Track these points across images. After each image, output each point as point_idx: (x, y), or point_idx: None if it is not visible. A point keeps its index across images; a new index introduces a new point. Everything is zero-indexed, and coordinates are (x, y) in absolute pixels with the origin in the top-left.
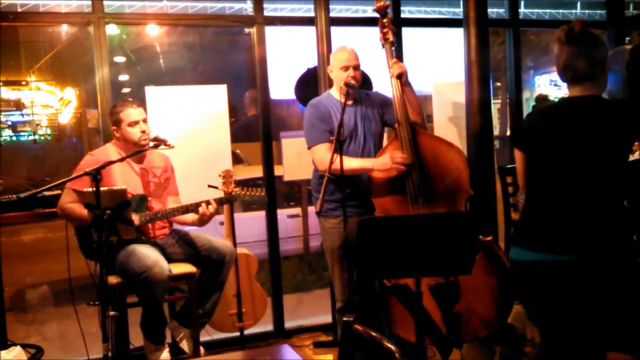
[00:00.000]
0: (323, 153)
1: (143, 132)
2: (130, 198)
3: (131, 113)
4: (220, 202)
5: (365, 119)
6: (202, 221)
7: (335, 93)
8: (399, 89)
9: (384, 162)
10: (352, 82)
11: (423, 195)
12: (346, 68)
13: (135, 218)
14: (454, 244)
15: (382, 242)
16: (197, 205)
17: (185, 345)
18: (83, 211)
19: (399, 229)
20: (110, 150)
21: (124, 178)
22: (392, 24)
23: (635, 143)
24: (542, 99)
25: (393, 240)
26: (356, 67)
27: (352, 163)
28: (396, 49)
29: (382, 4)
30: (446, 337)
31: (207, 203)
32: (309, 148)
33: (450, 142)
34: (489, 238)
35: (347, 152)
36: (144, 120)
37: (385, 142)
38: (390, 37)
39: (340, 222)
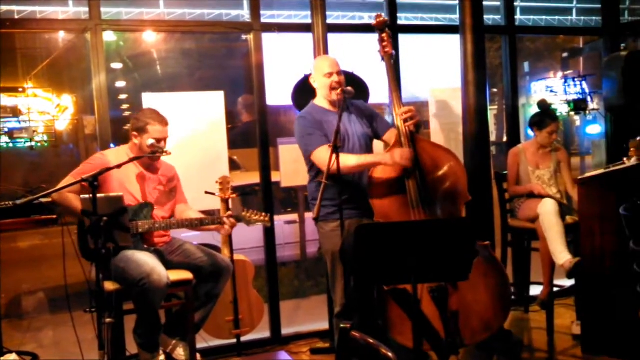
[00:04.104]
0: (326, 154)
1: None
2: (135, 205)
3: (159, 130)
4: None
5: (354, 124)
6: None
7: (320, 102)
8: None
9: (391, 156)
10: (349, 88)
11: (423, 200)
12: (330, 74)
13: (138, 225)
14: (452, 250)
15: (380, 248)
16: (201, 221)
17: (180, 354)
18: (78, 203)
19: (396, 235)
20: (119, 154)
21: (124, 182)
22: (390, 30)
23: (632, 149)
24: (544, 103)
25: (390, 247)
26: (339, 73)
27: (357, 159)
28: (394, 56)
29: (381, 19)
30: (444, 341)
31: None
32: (310, 155)
33: (448, 149)
34: (487, 242)
35: None
36: (165, 140)
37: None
38: (389, 49)
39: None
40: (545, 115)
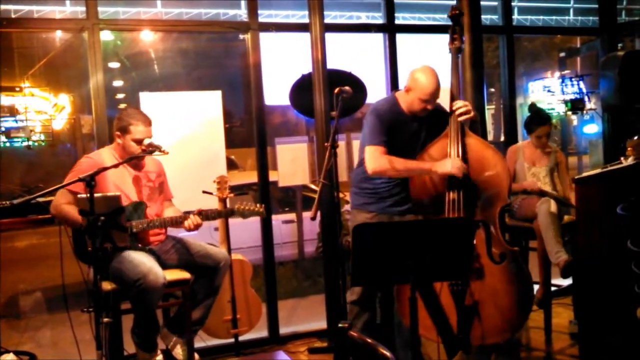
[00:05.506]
0: (377, 155)
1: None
2: (128, 205)
3: (141, 130)
4: (218, 215)
5: (427, 132)
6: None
7: (403, 102)
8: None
9: (444, 164)
10: (347, 88)
11: (466, 202)
12: (426, 102)
13: (132, 225)
14: (451, 249)
15: (378, 248)
16: (186, 218)
17: (178, 353)
18: (76, 213)
19: (395, 235)
20: (107, 155)
21: (119, 184)
22: (388, 30)
23: (629, 148)
24: (532, 107)
25: (389, 246)
26: (434, 102)
27: (405, 164)
28: (391, 56)
29: (456, 12)
30: (456, 336)
31: (194, 214)
32: (364, 145)
33: (496, 149)
34: (516, 248)
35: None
36: (149, 138)
37: None
38: (459, 43)
39: (374, 217)
40: (533, 119)
